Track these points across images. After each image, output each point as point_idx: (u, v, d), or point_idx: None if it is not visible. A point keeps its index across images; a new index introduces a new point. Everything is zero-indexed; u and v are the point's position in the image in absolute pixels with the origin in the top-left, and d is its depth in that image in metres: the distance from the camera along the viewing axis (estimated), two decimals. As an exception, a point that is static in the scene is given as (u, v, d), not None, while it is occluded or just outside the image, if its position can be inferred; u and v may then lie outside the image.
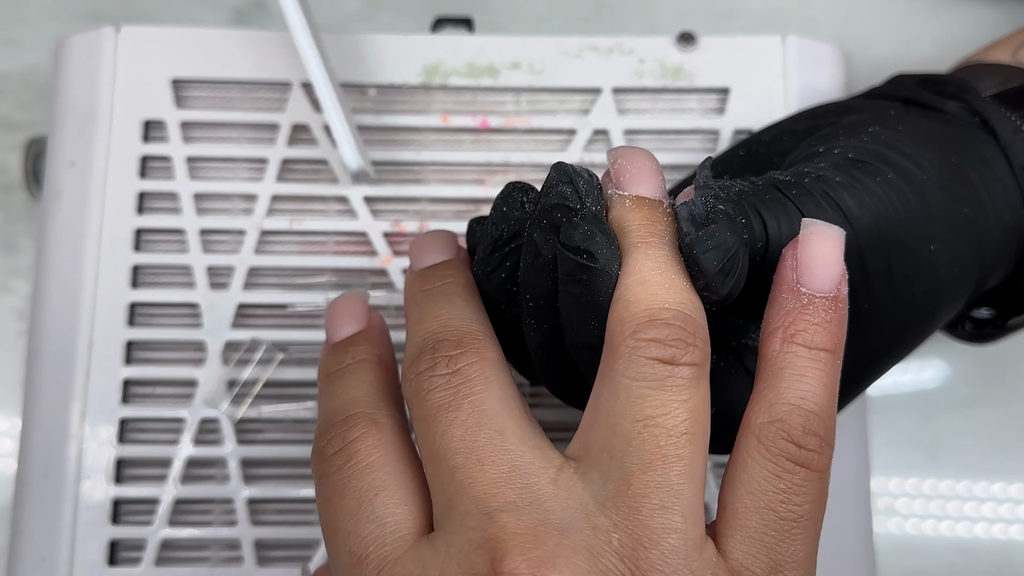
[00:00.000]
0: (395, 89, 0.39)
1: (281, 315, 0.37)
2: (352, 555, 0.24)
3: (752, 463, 0.23)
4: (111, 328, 0.36)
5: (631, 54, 0.39)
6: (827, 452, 0.23)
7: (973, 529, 0.44)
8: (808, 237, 0.24)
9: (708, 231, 0.24)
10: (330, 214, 0.38)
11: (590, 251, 0.23)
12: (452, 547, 0.23)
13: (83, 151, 0.38)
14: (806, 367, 0.24)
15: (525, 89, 0.39)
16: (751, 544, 0.23)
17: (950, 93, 0.32)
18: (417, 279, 0.28)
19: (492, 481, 0.23)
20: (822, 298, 0.24)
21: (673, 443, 0.22)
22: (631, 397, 0.23)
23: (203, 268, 0.37)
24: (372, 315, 0.29)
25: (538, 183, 0.38)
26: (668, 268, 0.24)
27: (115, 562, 0.35)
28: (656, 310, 0.23)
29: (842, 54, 0.40)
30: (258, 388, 0.36)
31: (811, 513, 0.23)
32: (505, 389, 0.24)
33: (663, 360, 0.23)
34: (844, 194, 0.27)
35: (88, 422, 0.36)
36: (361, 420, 0.26)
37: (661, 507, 0.22)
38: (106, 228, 0.37)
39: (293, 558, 0.36)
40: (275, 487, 0.36)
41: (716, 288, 0.24)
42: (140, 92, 0.38)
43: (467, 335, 0.25)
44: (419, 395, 0.24)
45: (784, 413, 0.23)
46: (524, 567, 0.21)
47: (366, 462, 0.25)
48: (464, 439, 0.23)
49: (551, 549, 0.22)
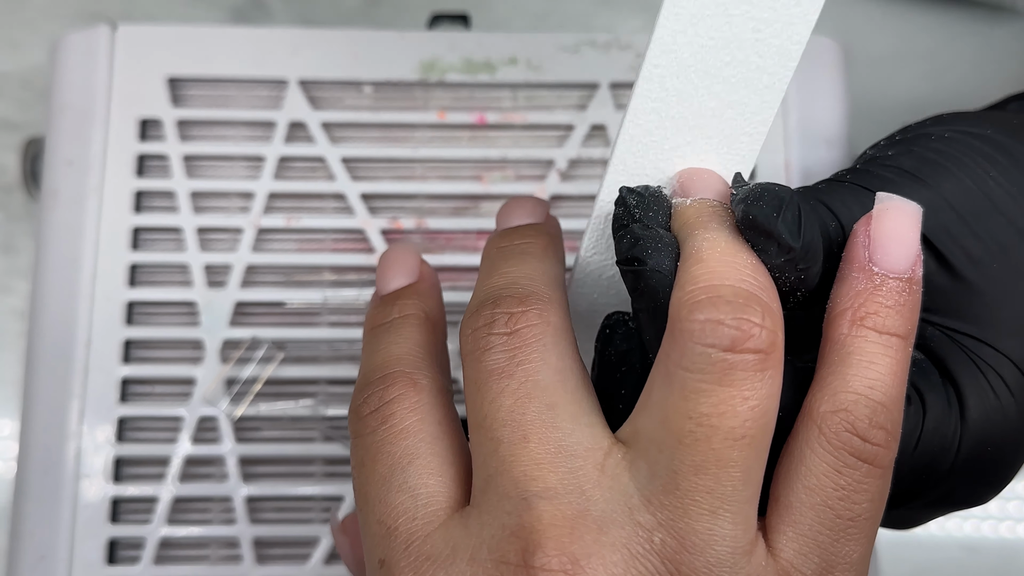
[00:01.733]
0: (392, 86, 0.39)
1: (279, 313, 0.37)
2: (382, 524, 0.23)
3: (811, 455, 0.21)
4: (109, 327, 0.36)
5: (628, 49, 0.39)
6: (893, 447, 0.22)
7: (980, 527, 0.43)
8: (883, 213, 0.22)
9: (755, 194, 0.22)
10: (327, 211, 0.38)
11: (637, 257, 0.22)
12: (485, 529, 0.22)
13: (80, 150, 0.38)
14: (876, 353, 0.22)
15: (522, 85, 0.39)
16: (804, 543, 0.21)
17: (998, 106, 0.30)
18: (496, 236, 0.26)
19: (535, 461, 0.22)
20: (896, 279, 0.22)
21: (729, 447, 0.20)
22: (685, 391, 0.20)
23: (200, 266, 0.37)
24: (424, 268, 0.28)
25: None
26: (729, 246, 0.22)
27: (114, 561, 0.35)
28: (714, 287, 0.21)
29: (840, 48, 0.40)
30: (258, 387, 0.36)
31: (870, 512, 0.21)
32: (563, 359, 0.23)
33: (722, 347, 0.20)
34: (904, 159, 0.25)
35: (86, 421, 0.36)
36: (400, 379, 0.24)
37: (711, 512, 0.21)
38: (104, 227, 0.37)
39: (292, 556, 0.36)
40: (274, 485, 0.36)
41: (788, 241, 0.22)
42: (137, 91, 0.38)
43: (532, 295, 0.23)
44: (474, 353, 0.23)
45: (849, 403, 0.21)
46: (556, 563, 0.20)
47: (401, 426, 0.24)
48: (512, 410, 0.22)
49: (587, 545, 0.21)
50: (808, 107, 0.38)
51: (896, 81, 0.48)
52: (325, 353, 0.37)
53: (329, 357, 0.37)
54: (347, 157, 0.38)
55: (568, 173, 0.38)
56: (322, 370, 0.36)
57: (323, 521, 0.36)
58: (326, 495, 0.36)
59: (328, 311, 0.37)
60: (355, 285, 0.37)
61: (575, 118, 0.38)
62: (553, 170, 0.38)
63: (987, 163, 0.25)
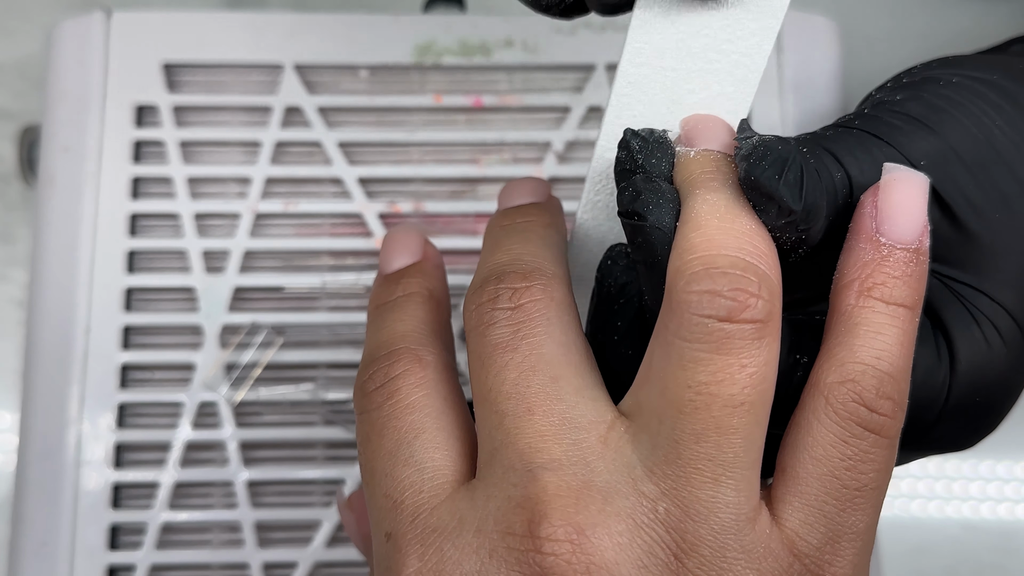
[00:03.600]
0: (387, 69, 0.39)
1: (277, 298, 0.37)
2: (388, 498, 0.23)
3: (818, 425, 0.21)
4: (108, 313, 0.36)
5: (625, 30, 0.39)
6: (900, 417, 0.22)
7: (979, 508, 0.43)
8: (890, 183, 0.22)
9: (758, 153, 0.22)
10: (325, 196, 0.38)
11: (638, 211, 0.22)
12: (491, 502, 0.22)
13: (77, 137, 0.37)
14: (883, 323, 0.22)
15: (518, 67, 0.39)
16: (809, 512, 0.21)
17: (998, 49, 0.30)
18: (498, 215, 0.26)
19: (540, 433, 0.22)
20: (903, 250, 0.22)
21: (728, 414, 0.20)
22: (683, 360, 0.21)
23: (199, 252, 0.37)
24: (427, 248, 0.28)
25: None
26: (728, 210, 0.21)
27: (116, 546, 0.35)
28: (711, 257, 0.21)
29: (837, 27, 0.40)
30: (258, 372, 0.36)
31: (876, 482, 0.21)
32: (567, 333, 0.23)
33: (719, 317, 0.20)
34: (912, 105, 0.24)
35: (87, 407, 0.36)
36: (405, 356, 0.24)
37: (713, 480, 0.21)
38: (101, 214, 0.37)
39: (294, 539, 0.36)
40: (274, 469, 0.36)
41: (789, 204, 0.21)
42: (132, 77, 0.38)
43: (536, 270, 0.23)
44: (478, 328, 0.23)
45: (857, 373, 0.21)
46: (562, 533, 0.20)
47: (407, 401, 0.24)
48: (517, 383, 0.22)
49: (592, 515, 0.21)
50: (804, 86, 0.38)
51: (892, 60, 0.47)
52: (325, 337, 0.37)
53: (329, 341, 0.37)
54: (344, 141, 0.38)
55: (565, 155, 0.38)
56: (322, 354, 0.37)
57: (324, 504, 0.36)
58: (327, 479, 0.36)
59: (327, 295, 0.37)
60: (354, 269, 0.37)
61: (571, 100, 0.38)
62: (550, 152, 0.38)
63: (993, 111, 0.25)
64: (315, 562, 0.36)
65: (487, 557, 0.21)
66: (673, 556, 0.21)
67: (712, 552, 0.21)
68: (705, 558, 0.21)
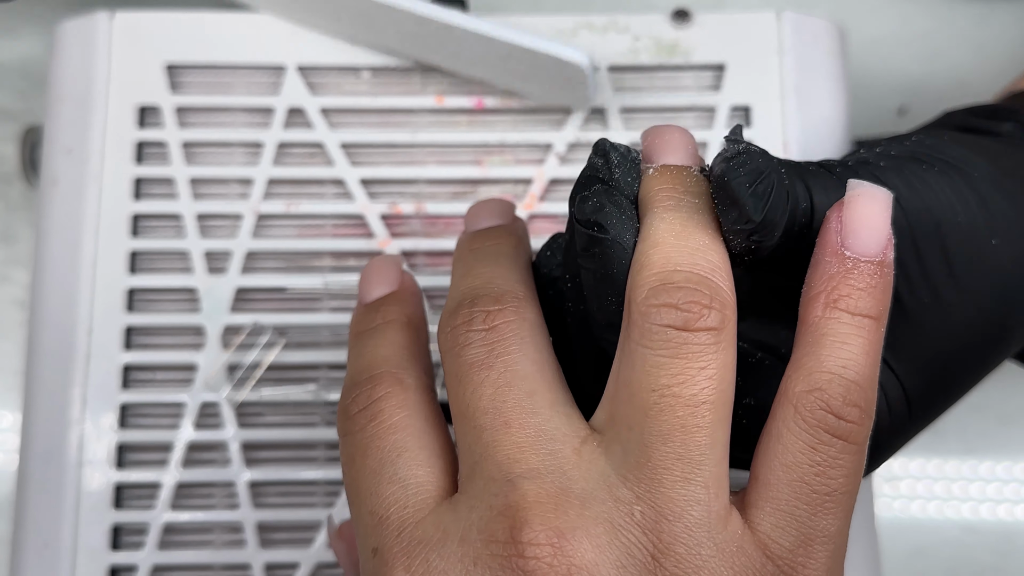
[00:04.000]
0: (389, 71, 0.39)
1: (279, 298, 0.37)
2: (373, 515, 0.24)
3: (787, 433, 0.22)
4: (110, 314, 0.36)
5: (626, 32, 0.39)
6: (867, 424, 0.23)
7: (978, 509, 0.43)
8: (854, 199, 0.23)
9: (739, 160, 0.23)
10: (327, 197, 0.38)
11: (600, 223, 0.23)
12: (473, 512, 0.22)
13: (79, 138, 0.38)
14: (848, 334, 0.23)
15: (520, 69, 0.39)
16: (781, 517, 0.22)
17: (1003, 116, 0.31)
18: (467, 239, 0.27)
19: (517, 445, 0.23)
20: (867, 262, 0.23)
21: (691, 413, 0.22)
22: (646, 366, 0.22)
23: (201, 253, 0.37)
24: (405, 277, 0.29)
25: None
26: (684, 229, 0.23)
27: (118, 547, 0.35)
28: (668, 273, 0.22)
29: (838, 30, 0.40)
30: (260, 372, 0.36)
31: (846, 487, 0.22)
32: (540, 352, 0.24)
33: (676, 326, 0.22)
34: (891, 175, 0.26)
35: (89, 408, 0.36)
36: (386, 379, 0.25)
37: (683, 479, 0.22)
38: (103, 214, 0.37)
39: (296, 540, 0.36)
40: (276, 470, 0.36)
41: (749, 213, 0.23)
42: (135, 78, 0.38)
43: (507, 293, 0.25)
44: (453, 349, 0.24)
45: (824, 382, 0.22)
46: (543, 537, 0.21)
47: (390, 422, 0.25)
48: (493, 399, 0.23)
49: (571, 519, 0.22)
50: (805, 88, 0.38)
51: (893, 62, 0.48)
52: (326, 338, 0.37)
53: (330, 342, 0.37)
54: (346, 142, 0.38)
55: (567, 156, 0.38)
56: (323, 355, 0.37)
57: (326, 505, 0.36)
58: (329, 479, 0.36)
59: (329, 296, 0.37)
60: (355, 270, 0.37)
61: (573, 102, 0.38)
62: (552, 153, 0.38)
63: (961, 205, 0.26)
64: (317, 563, 0.36)
65: (472, 565, 0.22)
66: (650, 556, 0.21)
67: (687, 550, 0.22)
68: (681, 556, 0.21)
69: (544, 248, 0.27)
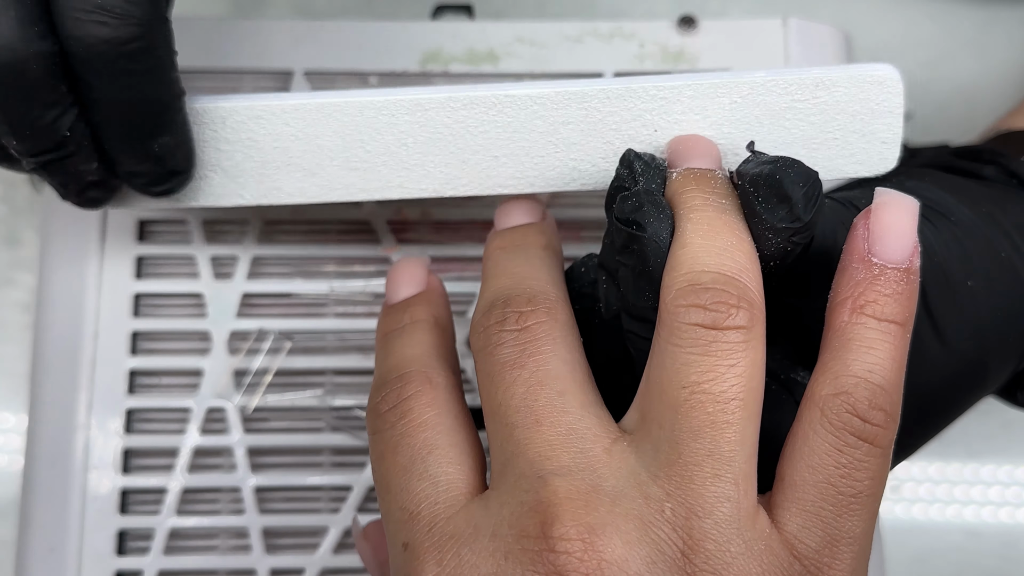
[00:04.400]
0: (396, 76, 0.39)
1: (286, 303, 0.37)
2: (404, 511, 0.24)
3: (814, 435, 0.23)
4: (116, 319, 0.36)
5: (632, 38, 0.39)
6: (892, 427, 0.23)
7: (981, 513, 0.44)
8: (882, 206, 0.24)
9: (786, 162, 0.24)
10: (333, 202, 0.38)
11: (638, 221, 0.24)
12: (504, 508, 0.23)
13: (85, 143, 0.38)
14: (875, 339, 0.23)
15: (526, 75, 0.39)
16: (807, 518, 0.22)
17: (986, 159, 0.32)
18: (496, 237, 0.28)
19: (548, 443, 0.23)
20: (894, 269, 0.23)
21: (721, 409, 0.22)
22: (676, 364, 0.22)
23: (207, 258, 0.37)
24: (431, 278, 0.29)
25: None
26: (712, 229, 0.23)
27: (124, 552, 0.35)
28: (696, 274, 0.23)
29: (843, 36, 0.40)
30: (267, 378, 0.36)
31: (871, 489, 0.23)
32: (572, 352, 0.24)
33: (705, 325, 0.22)
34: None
35: (95, 413, 0.36)
36: (416, 378, 0.26)
37: (714, 475, 0.22)
38: (109, 219, 0.37)
39: (301, 546, 0.36)
40: (282, 475, 0.36)
41: (799, 212, 0.23)
42: (141, 83, 0.38)
43: (540, 293, 0.25)
44: (486, 349, 0.24)
45: (850, 386, 0.23)
46: (574, 532, 0.21)
47: (420, 419, 0.25)
48: (525, 397, 0.23)
49: (602, 516, 0.22)
50: (812, 95, 0.38)
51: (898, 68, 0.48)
52: (332, 343, 0.37)
53: (336, 347, 0.37)
54: (352, 148, 0.38)
55: (573, 163, 0.38)
56: (329, 360, 0.37)
57: (332, 511, 0.36)
58: (334, 485, 0.36)
59: (335, 302, 0.37)
60: (362, 276, 0.37)
61: (579, 108, 0.38)
62: (558, 160, 0.38)
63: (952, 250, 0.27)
64: (322, 568, 0.36)
65: (503, 559, 0.22)
66: (680, 553, 0.22)
67: (716, 547, 0.22)
68: (711, 553, 0.22)
69: (579, 264, 0.28)
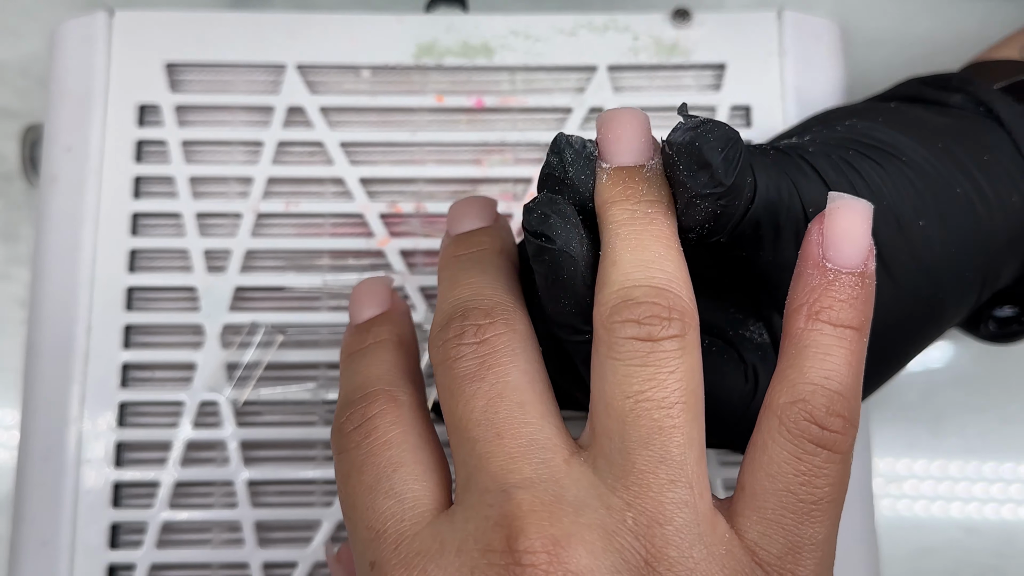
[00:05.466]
0: (389, 70, 0.39)
1: (279, 297, 0.37)
2: (370, 529, 0.24)
3: (772, 444, 0.23)
4: (109, 312, 0.36)
5: (626, 31, 0.39)
6: (851, 433, 0.23)
7: (982, 509, 0.43)
8: (835, 211, 0.24)
9: (705, 127, 0.23)
10: (326, 196, 0.38)
11: (546, 234, 0.23)
12: (469, 523, 0.23)
13: (79, 136, 0.38)
14: (831, 345, 0.23)
15: (520, 68, 0.39)
16: (768, 525, 0.23)
17: (954, 87, 0.32)
18: (452, 244, 0.28)
19: (510, 455, 0.23)
20: (848, 274, 0.23)
21: (666, 414, 0.22)
22: (618, 376, 0.23)
23: (200, 252, 0.37)
24: (394, 298, 0.30)
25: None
26: (640, 242, 0.24)
27: (116, 545, 0.35)
28: (627, 289, 0.23)
29: (839, 28, 0.40)
30: (260, 371, 0.36)
31: (832, 495, 0.23)
32: (531, 363, 0.24)
33: (641, 338, 0.23)
34: (822, 161, 0.26)
35: (87, 406, 0.36)
36: (380, 397, 0.26)
37: (669, 481, 0.22)
38: (103, 213, 0.37)
39: (294, 539, 0.36)
40: (275, 469, 0.36)
41: (721, 177, 0.23)
42: (135, 76, 0.38)
43: (497, 305, 0.25)
44: (445, 363, 0.24)
45: (807, 393, 0.23)
46: (539, 545, 0.22)
47: (384, 438, 0.25)
48: (485, 411, 0.24)
49: (566, 527, 0.22)
50: (806, 88, 0.38)
51: (895, 63, 0.47)
52: (325, 337, 0.37)
53: (329, 341, 0.37)
54: (345, 141, 0.38)
55: (566, 156, 0.38)
56: (322, 354, 0.37)
57: (325, 504, 0.36)
58: (327, 478, 0.36)
59: (328, 295, 0.37)
60: (355, 269, 0.37)
61: (573, 101, 0.38)
62: (551, 153, 0.38)
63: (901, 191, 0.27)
64: (315, 562, 0.36)
65: (469, 574, 0.22)
66: (644, 562, 0.22)
67: (679, 553, 0.22)
68: (674, 560, 0.22)
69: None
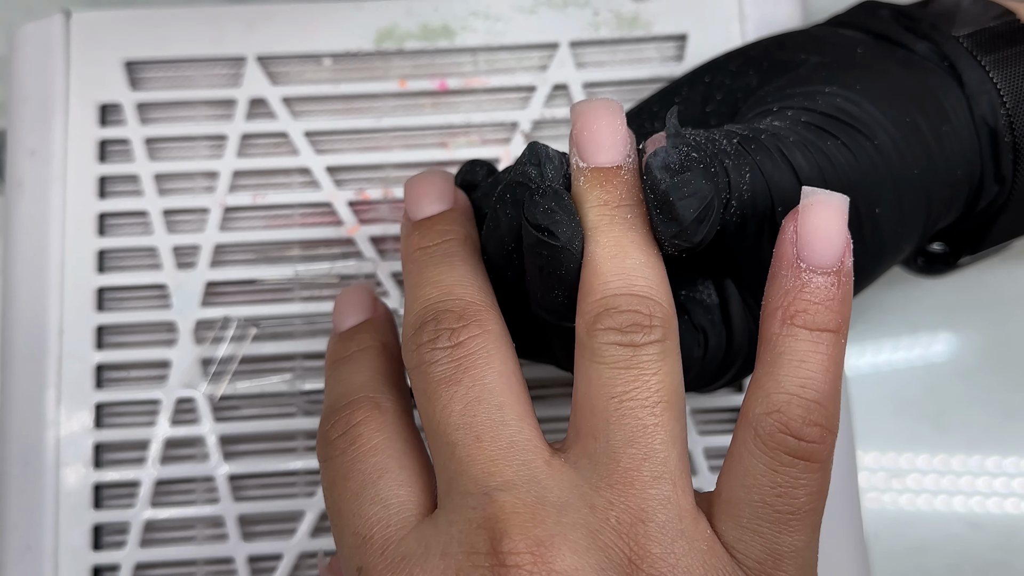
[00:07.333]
0: (350, 57, 0.38)
1: (250, 290, 0.37)
2: (356, 535, 0.24)
3: (748, 455, 0.23)
4: (80, 314, 0.36)
5: (586, 6, 0.39)
6: (829, 441, 0.23)
7: (984, 503, 0.43)
8: (809, 208, 0.23)
9: (684, 179, 0.23)
10: (293, 186, 0.38)
11: (550, 229, 0.23)
12: (453, 526, 0.23)
13: (42, 139, 0.37)
14: (807, 351, 0.23)
15: (482, 48, 0.39)
16: (744, 533, 0.23)
17: (922, 32, 0.31)
18: (415, 234, 0.27)
19: (490, 458, 0.23)
20: (824, 275, 0.23)
21: (649, 412, 0.23)
22: (602, 379, 0.23)
23: (169, 248, 0.37)
24: (377, 305, 0.30)
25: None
26: (619, 249, 0.24)
27: (100, 546, 0.35)
28: (609, 298, 0.23)
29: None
30: (235, 365, 0.36)
31: (810, 504, 0.23)
32: (506, 363, 0.24)
33: (623, 344, 0.23)
34: (797, 153, 0.26)
35: (64, 409, 0.36)
36: (364, 404, 0.26)
37: (652, 478, 0.22)
38: (69, 214, 0.37)
39: (278, 532, 0.36)
40: (255, 462, 0.36)
41: (690, 236, 0.23)
42: (95, 76, 0.38)
43: (469, 306, 0.25)
44: (420, 367, 0.24)
45: (782, 403, 0.22)
46: (523, 546, 0.22)
47: (369, 445, 0.25)
48: (463, 414, 0.23)
49: (549, 528, 0.22)
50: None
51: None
52: (300, 328, 0.37)
53: (304, 332, 0.37)
54: (310, 131, 0.38)
55: (532, 135, 0.38)
56: (298, 345, 0.36)
57: (307, 495, 0.36)
58: (309, 469, 0.36)
59: (300, 286, 0.37)
60: (326, 258, 0.37)
61: (536, 79, 0.38)
62: (517, 132, 0.38)
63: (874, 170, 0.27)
64: (300, 553, 0.35)
65: None
66: (628, 559, 0.22)
67: (662, 549, 0.22)
68: (656, 556, 0.22)
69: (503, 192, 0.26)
